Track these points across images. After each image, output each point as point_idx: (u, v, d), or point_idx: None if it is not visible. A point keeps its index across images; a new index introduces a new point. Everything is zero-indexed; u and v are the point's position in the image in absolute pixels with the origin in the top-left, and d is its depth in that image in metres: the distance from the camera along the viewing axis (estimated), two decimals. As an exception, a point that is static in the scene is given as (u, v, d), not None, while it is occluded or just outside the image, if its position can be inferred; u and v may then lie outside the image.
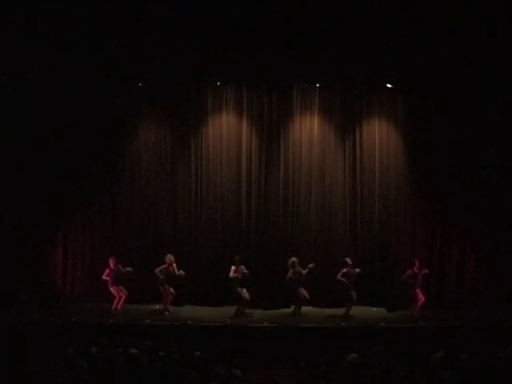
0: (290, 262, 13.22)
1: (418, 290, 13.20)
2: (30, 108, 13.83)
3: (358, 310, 13.40)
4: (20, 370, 8.81)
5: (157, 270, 13.35)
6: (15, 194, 13.88)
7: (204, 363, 9.36)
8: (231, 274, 13.15)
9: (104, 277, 13.49)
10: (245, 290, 13.25)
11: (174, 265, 13.41)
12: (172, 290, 13.48)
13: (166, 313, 13.42)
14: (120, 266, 13.45)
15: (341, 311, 13.44)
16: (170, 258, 13.41)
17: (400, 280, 13.31)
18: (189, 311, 13.61)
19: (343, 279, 13.13)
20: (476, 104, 13.80)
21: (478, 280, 14.23)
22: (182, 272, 13.41)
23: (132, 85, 14.27)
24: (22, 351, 9.68)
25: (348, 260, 13.27)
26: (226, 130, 14.58)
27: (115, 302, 13.50)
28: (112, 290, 13.44)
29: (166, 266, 13.36)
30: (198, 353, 9.71)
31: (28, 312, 12.88)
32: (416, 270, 13.15)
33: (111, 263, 13.39)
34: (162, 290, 13.47)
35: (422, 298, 13.26)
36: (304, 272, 13.16)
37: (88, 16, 13.05)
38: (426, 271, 13.23)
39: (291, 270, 13.17)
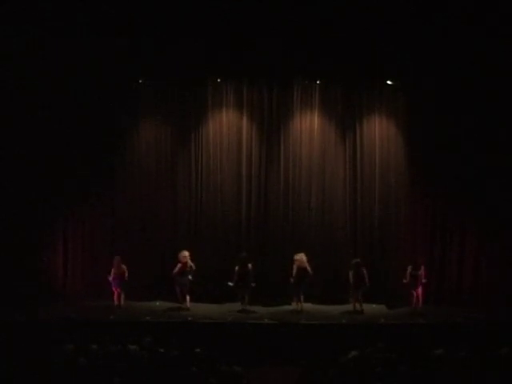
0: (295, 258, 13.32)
1: (416, 290, 13.27)
2: (28, 106, 13.73)
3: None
4: (20, 368, 8.78)
5: (174, 273, 13.26)
6: (14, 192, 13.80)
7: (204, 360, 9.38)
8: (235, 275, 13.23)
9: (113, 276, 13.40)
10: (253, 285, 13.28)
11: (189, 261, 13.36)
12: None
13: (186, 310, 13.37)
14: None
15: (341, 308, 13.54)
16: (184, 255, 13.33)
17: (404, 283, 13.31)
18: (190, 308, 13.51)
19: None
20: (477, 102, 13.73)
21: (478, 278, 14.19)
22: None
23: (132, 81, 14.27)
24: (21, 348, 9.67)
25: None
26: (227, 126, 14.54)
27: (117, 298, 13.48)
28: (119, 289, 13.40)
29: (180, 265, 13.28)
30: (198, 350, 9.73)
31: (28, 309, 12.83)
32: (420, 273, 13.21)
33: (119, 263, 13.32)
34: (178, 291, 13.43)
35: (421, 294, 13.30)
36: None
37: (88, 12, 13.02)
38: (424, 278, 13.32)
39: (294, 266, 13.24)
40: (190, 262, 13.35)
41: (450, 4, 12.85)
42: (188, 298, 13.49)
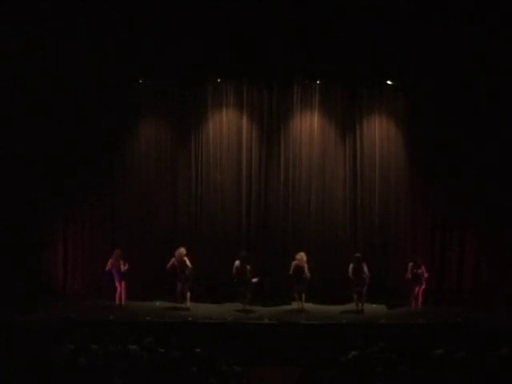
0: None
1: (419, 287, 13.33)
2: (28, 106, 13.71)
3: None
4: (20, 368, 8.74)
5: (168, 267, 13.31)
6: (15, 192, 13.79)
7: (204, 360, 9.34)
8: (234, 271, 13.23)
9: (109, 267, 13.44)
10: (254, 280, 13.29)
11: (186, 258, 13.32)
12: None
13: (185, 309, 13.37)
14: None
15: (341, 308, 13.56)
16: (180, 252, 13.31)
17: (406, 279, 13.39)
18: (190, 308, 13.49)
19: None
20: (477, 101, 13.73)
21: (479, 278, 14.20)
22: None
23: (132, 82, 14.27)
24: (21, 348, 9.63)
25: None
26: (227, 126, 14.53)
27: (119, 296, 13.53)
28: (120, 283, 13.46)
29: (174, 259, 13.27)
30: (198, 350, 9.70)
31: (28, 309, 12.82)
32: (421, 271, 13.26)
33: (118, 256, 13.38)
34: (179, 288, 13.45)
35: (421, 294, 13.37)
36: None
37: (89, 12, 13.04)
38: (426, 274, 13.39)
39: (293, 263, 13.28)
40: (186, 260, 13.28)
41: (450, 4, 12.82)
42: (188, 295, 13.43)
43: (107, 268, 13.42)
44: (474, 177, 13.94)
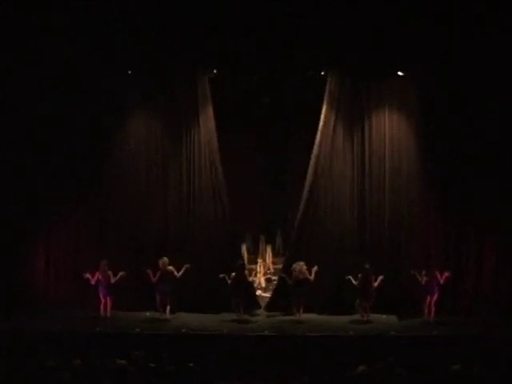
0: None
1: (431, 297, 13.02)
2: (16, 104, 13.55)
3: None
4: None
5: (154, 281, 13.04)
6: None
7: (199, 375, 9.05)
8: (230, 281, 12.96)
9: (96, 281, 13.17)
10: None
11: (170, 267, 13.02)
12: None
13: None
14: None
15: (348, 319, 13.18)
16: (164, 261, 13.03)
17: (417, 284, 13.06)
18: (182, 319, 13.21)
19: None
20: (491, 93, 13.39)
21: (496, 287, 13.80)
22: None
23: (121, 75, 13.98)
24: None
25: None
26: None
27: (104, 307, 13.20)
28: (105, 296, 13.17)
29: (160, 273, 12.97)
30: (192, 364, 9.31)
31: (6, 319, 12.55)
32: (435, 279, 12.93)
33: (105, 267, 13.11)
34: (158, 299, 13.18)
35: (435, 303, 13.04)
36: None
37: (80, 3, 12.94)
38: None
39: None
40: (171, 269, 13.01)
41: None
42: (168, 307, 13.18)
43: (93, 282, 13.13)
44: (493, 177, 13.45)
